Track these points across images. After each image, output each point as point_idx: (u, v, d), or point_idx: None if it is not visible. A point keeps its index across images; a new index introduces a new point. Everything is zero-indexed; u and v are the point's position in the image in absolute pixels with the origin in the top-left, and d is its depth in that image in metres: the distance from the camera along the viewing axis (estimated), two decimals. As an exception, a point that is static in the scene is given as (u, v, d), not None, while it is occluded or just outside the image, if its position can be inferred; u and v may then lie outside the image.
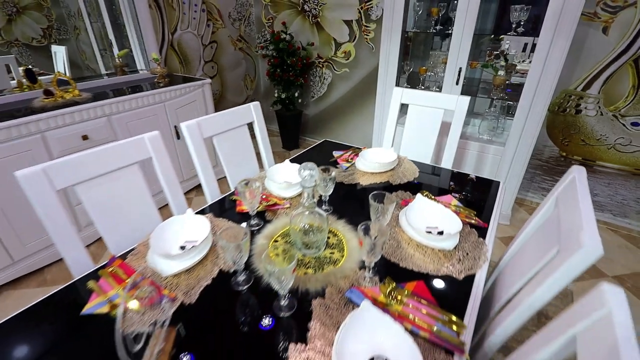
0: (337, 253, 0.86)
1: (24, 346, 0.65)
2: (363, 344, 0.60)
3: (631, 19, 1.81)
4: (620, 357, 0.40)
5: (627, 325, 0.43)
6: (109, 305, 0.71)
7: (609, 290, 0.47)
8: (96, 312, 0.70)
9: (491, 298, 0.89)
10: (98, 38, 2.46)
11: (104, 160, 0.92)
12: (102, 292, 0.74)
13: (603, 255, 1.12)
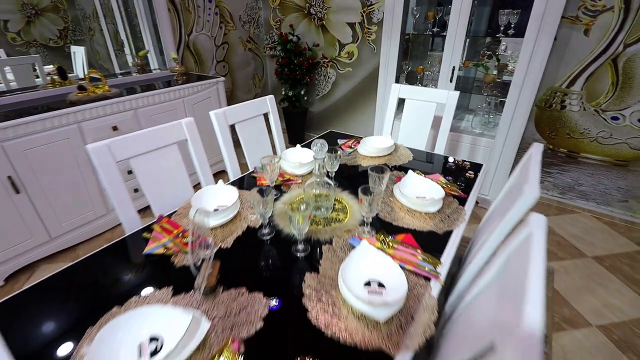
0: (342, 214, 1.06)
1: (106, 274, 0.85)
2: (361, 271, 0.79)
3: (609, 22, 1.99)
4: (530, 266, 0.58)
5: (541, 241, 0.61)
6: (163, 248, 0.91)
7: (534, 216, 0.65)
8: (154, 252, 0.90)
9: (469, 252, 1.08)
10: (113, 39, 2.65)
11: (151, 139, 1.12)
12: (157, 239, 0.94)
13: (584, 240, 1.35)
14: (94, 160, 0.99)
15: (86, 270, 0.87)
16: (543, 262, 0.54)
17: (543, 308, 0.44)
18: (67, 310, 0.75)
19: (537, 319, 0.41)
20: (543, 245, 0.58)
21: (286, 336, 0.68)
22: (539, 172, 0.87)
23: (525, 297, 0.45)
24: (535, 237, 0.59)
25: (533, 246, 0.57)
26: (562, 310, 1.64)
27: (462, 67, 2.29)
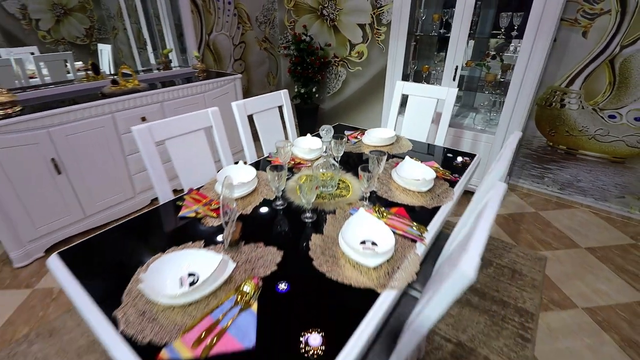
0: (345, 192, 1.22)
1: (150, 230, 1.04)
2: (358, 233, 0.96)
3: (607, 24, 2.09)
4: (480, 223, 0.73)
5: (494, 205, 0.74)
6: (194, 212, 1.09)
7: (497, 184, 0.80)
8: (187, 215, 1.08)
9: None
10: (136, 38, 2.85)
11: (183, 124, 1.31)
12: (188, 207, 1.13)
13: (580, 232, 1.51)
14: (137, 139, 1.18)
15: (136, 226, 1.06)
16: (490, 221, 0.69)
17: (478, 255, 0.58)
18: (123, 253, 0.94)
19: (471, 264, 0.55)
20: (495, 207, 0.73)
21: (295, 277, 0.85)
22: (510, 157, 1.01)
23: (467, 246, 0.60)
24: (490, 202, 0.74)
25: (486, 208, 0.73)
26: (551, 293, 1.76)
27: (465, 66, 2.42)
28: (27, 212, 1.87)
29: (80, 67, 2.47)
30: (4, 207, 1.77)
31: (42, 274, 1.89)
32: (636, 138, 2.20)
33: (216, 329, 0.69)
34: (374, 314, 0.74)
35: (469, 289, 1.76)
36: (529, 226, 2.30)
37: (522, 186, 2.77)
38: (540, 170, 2.64)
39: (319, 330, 0.70)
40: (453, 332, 1.53)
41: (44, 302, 1.71)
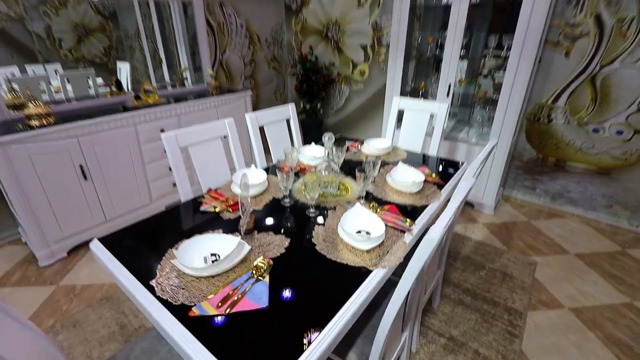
0: (344, 192, 1.38)
1: (177, 221, 1.20)
2: (354, 223, 1.11)
3: (586, 46, 2.29)
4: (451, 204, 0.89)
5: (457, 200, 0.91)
6: (213, 208, 1.26)
7: (467, 177, 0.96)
8: (207, 210, 1.25)
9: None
10: (152, 56, 3.08)
11: (203, 133, 1.49)
12: (208, 203, 1.29)
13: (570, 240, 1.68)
14: (165, 145, 1.36)
15: (163, 219, 1.22)
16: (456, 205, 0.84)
17: (443, 227, 0.73)
18: (153, 239, 1.10)
19: (437, 232, 0.71)
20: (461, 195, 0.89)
21: (300, 257, 1.00)
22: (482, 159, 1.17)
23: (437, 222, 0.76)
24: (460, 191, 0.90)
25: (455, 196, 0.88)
26: (539, 294, 1.87)
27: (458, 84, 2.61)
28: (55, 215, 2.04)
29: (100, 84, 2.68)
30: (35, 209, 1.95)
31: (65, 272, 2.05)
32: (619, 150, 2.35)
33: (236, 294, 0.84)
34: (366, 285, 0.89)
35: (461, 290, 1.88)
36: (521, 234, 2.42)
37: (516, 197, 2.91)
38: (532, 182, 2.78)
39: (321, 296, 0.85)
40: (446, 327, 1.64)
41: (67, 298, 1.86)
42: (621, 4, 2.13)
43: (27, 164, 1.87)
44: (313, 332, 0.74)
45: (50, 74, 2.41)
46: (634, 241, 2.35)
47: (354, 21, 3.38)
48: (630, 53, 2.17)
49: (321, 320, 0.77)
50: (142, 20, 2.86)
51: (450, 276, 1.98)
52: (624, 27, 2.15)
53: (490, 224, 2.54)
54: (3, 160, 1.78)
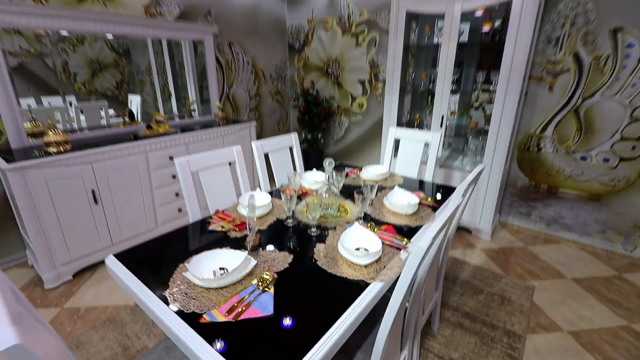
0: (344, 213, 1.47)
1: (188, 239, 1.28)
2: (353, 241, 1.19)
3: (568, 80, 2.47)
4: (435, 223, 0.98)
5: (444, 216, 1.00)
6: (220, 227, 1.34)
7: (454, 197, 1.05)
8: (216, 229, 1.33)
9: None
10: (161, 90, 3.28)
11: (213, 159, 1.61)
12: (216, 223, 1.38)
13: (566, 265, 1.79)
14: (178, 168, 1.47)
15: (173, 237, 1.30)
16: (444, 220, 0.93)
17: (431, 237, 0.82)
18: (165, 255, 1.17)
19: (425, 242, 0.80)
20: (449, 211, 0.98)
21: (303, 271, 1.07)
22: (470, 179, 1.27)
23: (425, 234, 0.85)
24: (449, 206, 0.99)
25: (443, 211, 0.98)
26: (538, 318, 1.89)
27: (450, 115, 2.78)
28: (64, 237, 2.12)
29: (112, 114, 2.84)
30: (46, 231, 2.03)
31: (69, 295, 2.08)
32: (607, 177, 2.46)
33: (243, 303, 0.91)
34: (363, 297, 0.95)
35: (460, 313, 1.90)
36: (518, 259, 2.46)
37: (512, 223, 2.97)
38: (526, 208, 2.87)
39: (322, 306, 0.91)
40: (445, 350, 1.65)
41: (71, 320, 1.88)
42: (597, 43, 2.33)
43: (43, 187, 1.97)
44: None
45: (65, 105, 2.57)
46: (630, 266, 2.39)
47: (353, 59, 3.64)
48: (609, 87, 2.34)
49: (322, 328, 0.83)
50: (154, 56, 3.09)
51: (449, 300, 2.00)
52: (600, 64, 2.34)
53: (488, 250, 2.59)
54: (22, 184, 1.89)
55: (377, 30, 3.39)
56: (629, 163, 2.37)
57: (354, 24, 3.51)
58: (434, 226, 0.86)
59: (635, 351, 1.67)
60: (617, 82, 2.31)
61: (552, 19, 2.45)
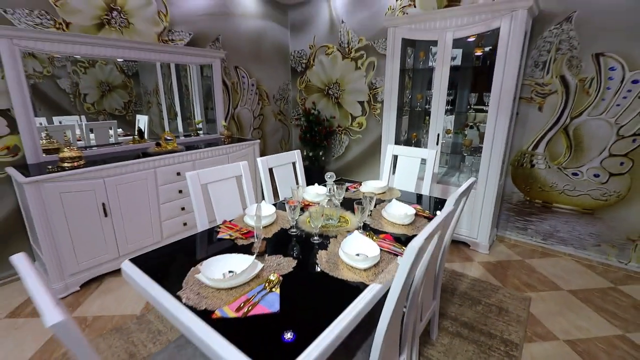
0: (345, 224, 1.56)
1: (198, 245, 1.36)
2: (353, 247, 1.27)
3: (556, 101, 2.61)
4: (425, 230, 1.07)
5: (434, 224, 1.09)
6: (229, 235, 1.43)
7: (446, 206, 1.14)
8: (224, 237, 1.41)
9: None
10: (168, 110, 3.42)
11: (221, 172, 1.71)
12: (224, 232, 1.46)
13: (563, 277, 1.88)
14: (188, 181, 1.57)
15: (184, 245, 1.38)
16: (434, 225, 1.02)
17: (423, 238, 0.91)
18: (177, 260, 1.25)
19: (418, 242, 0.89)
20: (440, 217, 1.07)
21: (306, 275, 1.15)
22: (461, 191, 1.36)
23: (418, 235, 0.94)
24: (440, 214, 1.08)
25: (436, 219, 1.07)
26: (534, 328, 1.93)
27: (446, 134, 2.91)
28: (74, 248, 2.19)
29: (120, 133, 2.95)
30: (57, 243, 2.11)
31: (77, 305, 2.13)
32: (599, 192, 2.55)
33: (251, 302, 0.99)
34: (362, 297, 1.03)
35: (459, 323, 1.94)
36: (516, 272, 2.52)
37: (509, 237, 3.04)
38: (523, 223, 2.94)
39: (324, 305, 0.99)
40: (444, 358, 1.69)
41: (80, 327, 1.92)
42: (581, 67, 2.49)
43: (56, 200, 2.07)
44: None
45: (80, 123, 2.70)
46: (625, 278, 2.44)
47: (352, 81, 3.83)
48: (595, 107, 2.48)
49: (324, 323, 0.91)
50: (162, 78, 3.24)
51: (447, 310, 2.05)
52: (586, 85, 2.49)
53: (486, 263, 2.64)
54: (37, 197, 1.99)
55: (375, 55, 3.59)
56: (619, 178, 2.47)
57: (353, 49, 3.72)
58: (426, 229, 0.95)
59: (630, 359, 1.71)
60: (602, 102, 2.45)
61: (538, 45, 2.62)
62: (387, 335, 1.03)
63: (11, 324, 1.97)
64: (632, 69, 2.31)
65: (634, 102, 2.33)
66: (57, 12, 2.37)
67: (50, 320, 0.61)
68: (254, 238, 1.41)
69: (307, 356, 0.80)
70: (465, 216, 2.79)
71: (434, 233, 1.03)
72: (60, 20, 2.39)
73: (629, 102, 2.35)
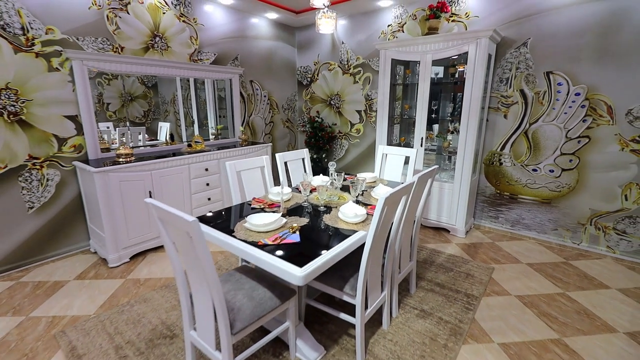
0: (342, 200, 2.10)
1: (236, 213, 1.92)
2: (348, 211, 1.81)
3: (517, 110, 3.17)
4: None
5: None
6: (259, 206, 1.98)
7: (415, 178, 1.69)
8: (255, 207, 1.97)
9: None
10: (185, 118, 3.96)
11: (250, 163, 2.28)
12: (255, 204, 2.02)
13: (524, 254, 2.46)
14: (227, 169, 2.13)
15: (231, 210, 1.93)
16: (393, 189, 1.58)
17: (388, 193, 1.47)
18: (226, 219, 1.80)
19: (384, 196, 1.44)
20: (400, 186, 1.62)
21: (314, 226, 1.69)
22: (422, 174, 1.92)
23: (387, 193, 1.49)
24: (407, 182, 1.64)
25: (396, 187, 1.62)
26: (493, 287, 2.45)
27: (428, 138, 3.47)
28: (127, 226, 2.74)
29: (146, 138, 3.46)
30: (114, 221, 2.66)
31: (129, 271, 2.66)
32: (554, 185, 3.09)
33: (281, 237, 1.53)
34: (353, 237, 1.57)
35: (434, 283, 2.46)
36: (485, 250, 3.04)
37: (484, 225, 3.57)
38: (494, 212, 3.47)
39: (327, 241, 1.53)
40: (419, 304, 2.21)
41: (135, 286, 2.46)
42: (536, 82, 3.06)
43: (116, 187, 2.63)
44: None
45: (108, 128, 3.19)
46: (577, 255, 2.95)
47: (351, 93, 4.42)
48: (548, 114, 3.04)
49: (327, 249, 1.45)
50: (181, 90, 3.73)
51: (425, 275, 2.57)
52: (540, 97, 3.06)
53: (462, 244, 3.17)
54: (104, 184, 2.54)
55: (370, 71, 4.19)
56: (569, 173, 3.01)
57: (352, 66, 4.33)
58: (393, 189, 1.49)
59: (564, 308, 2.21)
60: (553, 111, 3.01)
61: (502, 64, 3.20)
62: (370, 270, 1.57)
63: (80, 283, 2.50)
64: (574, 84, 2.88)
65: (577, 110, 2.89)
66: (115, 39, 2.97)
67: (190, 219, 1.15)
68: (277, 208, 1.96)
69: (313, 263, 1.33)
70: (445, 206, 3.33)
71: (400, 193, 1.58)
72: (117, 45, 2.99)
73: (573, 110, 2.91)
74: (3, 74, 2.41)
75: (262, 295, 1.51)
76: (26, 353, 1.82)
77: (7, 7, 2.39)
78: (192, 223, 1.14)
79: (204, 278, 1.28)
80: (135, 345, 1.84)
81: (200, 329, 1.48)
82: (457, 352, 1.80)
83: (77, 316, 2.12)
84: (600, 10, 2.68)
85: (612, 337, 1.95)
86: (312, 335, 1.81)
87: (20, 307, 2.22)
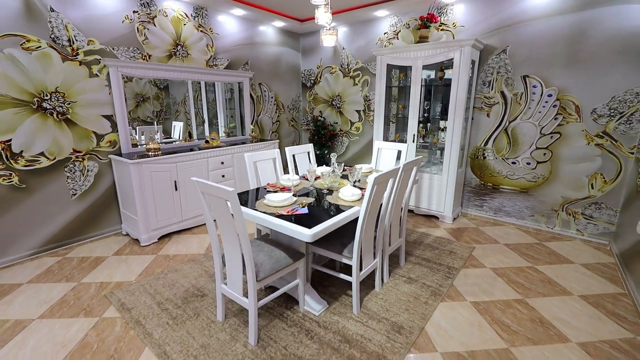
0: (342, 185, 2.51)
1: (256, 194, 2.34)
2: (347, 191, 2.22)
3: (499, 110, 3.57)
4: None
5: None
6: (273, 190, 2.39)
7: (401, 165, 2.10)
8: (270, 190, 2.38)
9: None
10: (195, 117, 4.37)
11: (264, 155, 2.69)
12: (269, 188, 2.43)
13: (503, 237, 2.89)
14: (246, 159, 2.55)
15: (251, 193, 2.35)
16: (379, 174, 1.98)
17: (376, 174, 1.88)
18: (248, 198, 2.22)
19: (373, 177, 1.85)
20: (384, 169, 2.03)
21: (319, 204, 2.11)
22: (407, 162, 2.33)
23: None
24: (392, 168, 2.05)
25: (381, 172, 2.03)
26: (471, 262, 2.85)
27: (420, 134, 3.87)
28: (156, 211, 3.16)
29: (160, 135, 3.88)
30: (145, 206, 3.08)
31: (159, 250, 3.09)
32: (531, 176, 3.48)
33: (294, 210, 1.94)
34: (350, 211, 1.98)
35: (421, 258, 2.87)
36: (469, 234, 3.44)
37: (471, 213, 3.96)
38: (479, 201, 3.87)
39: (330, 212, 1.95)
40: (407, 273, 2.62)
41: (166, 259, 2.88)
42: (514, 85, 3.46)
43: (148, 177, 3.05)
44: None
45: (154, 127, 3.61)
46: (550, 238, 3.35)
47: (351, 95, 4.83)
48: (525, 113, 3.43)
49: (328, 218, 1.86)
50: (192, 91, 4.10)
51: (413, 252, 2.98)
52: (518, 98, 3.45)
53: (449, 229, 3.57)
54: (138, 174, 2.97)
55: (369, 74, 4.59)
56: (543, 165, 3.40)
57: (352, 69, 4.73)
58: (382, 173, 1.90)
59: (531, 277, 2.61)
60: (529, 110, 3.40)
61: (485, 69, 3.60)
62: (364, 238, 1.97)
63: (118, 258, 2.93)
64: (547, 86, 3.27)
65: (549, 110, 3.29)
66: (143, 48, 3.40)
67: (230, 189, 1.56)
68: (289, 192, 2.38)
69: (319, 226, 1.74)
70: (435, 195, 3.73)
71: (388, 175, 1.98)
72: (145, 54, 3.42)
73: (546, 109, 3.30)
74: (54, 79, 2.83)
75: (279, 255, 1.92)
76: (84, 308, 2.24)
77: (57, 23, 2.82)
78: (231, 192, 1.55)
79: (236, 238, 1.70)
80: (173, 301, 2.26)
81: (231, 281, 1.90)
82: (435, 307, 2.21)
83: (121, 282, 2.55)
84: (570, 22, 3.08)
85: (568, 298, 2.35)
86: (317, 293, 2.22)
87: (71, 275, 2.65)
